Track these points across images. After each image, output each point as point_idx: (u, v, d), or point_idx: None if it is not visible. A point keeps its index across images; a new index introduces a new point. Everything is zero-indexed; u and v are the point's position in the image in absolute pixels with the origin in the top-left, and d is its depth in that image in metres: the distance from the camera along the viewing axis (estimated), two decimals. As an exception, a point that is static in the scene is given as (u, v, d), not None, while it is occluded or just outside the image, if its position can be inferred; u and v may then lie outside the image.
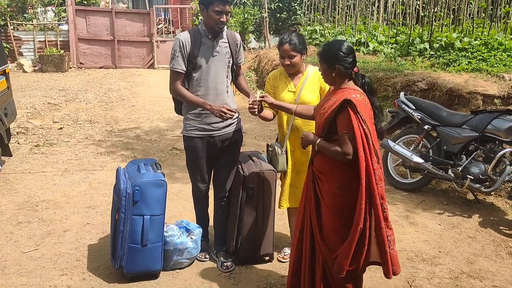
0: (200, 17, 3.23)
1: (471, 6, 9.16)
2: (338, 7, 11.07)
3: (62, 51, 12.70)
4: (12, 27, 12.82)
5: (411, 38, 8.47)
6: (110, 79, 11.51)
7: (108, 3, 16.57)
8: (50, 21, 13.37)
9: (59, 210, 4.33)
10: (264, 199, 3.32)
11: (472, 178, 4.38)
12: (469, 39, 7.70)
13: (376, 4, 10.66)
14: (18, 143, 6.31)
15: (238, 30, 12.35)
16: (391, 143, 4.90)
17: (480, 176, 4.36)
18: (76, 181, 5.08)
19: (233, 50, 3.22)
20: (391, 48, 8.84)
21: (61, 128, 7.15)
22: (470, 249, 3.79)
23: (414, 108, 4.88)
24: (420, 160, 4.70)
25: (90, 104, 8.81)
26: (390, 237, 2.49)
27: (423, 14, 9.58)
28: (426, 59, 7.86)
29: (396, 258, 2.54)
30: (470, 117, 4.58)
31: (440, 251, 3.73)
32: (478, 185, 4.40)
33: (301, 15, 12.62)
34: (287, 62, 3.18)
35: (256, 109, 3.00)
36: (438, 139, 4.78)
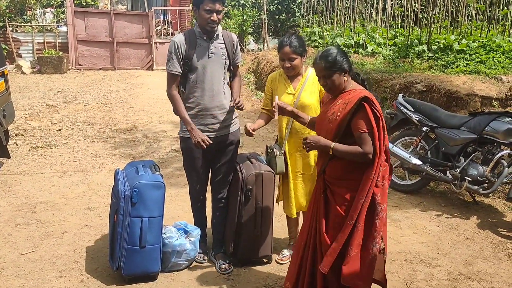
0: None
1: (469, 8, 9.19)
2: (337, 9, 11.08)
3: (61, 52, 12.69)
4: (10, 29, 12.81)
5: (409, 40, 8.48)
6: (109, 80, 11.50)
7: (107, 4, 16.58)
8: (49, 22, 13.37)
9: (58, 211, 4.32)
10: (262, 201, 3.32)
11: (470, 179, 4.39)
12: (467, 41, 7.72)
13: (374, 6, 10.68)
14: (17, 145, 6.31)
15: (237, 32, 12.35)
16: (390, 145, 4.90)
17: (478, 177, 4.37)
18: (74, 182, 5.07)
19: (229, 51, 3.21)
20: (390, 50, 8.86)
21: (59, 130, 7.14)
22: (468, 250, 3.80)
23: (413, 110, 4.89)
24: (419, 162, 4.71)
25: (89, 106, 8.80)
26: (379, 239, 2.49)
27: (421, 16, 9.61)
28: (425, 61, 7.87)
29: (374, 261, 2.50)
30: (468, 119, 4.59)
31: (438, 253, 3.73)
32: (476, 186, 4.41)
33: (300, 17, 12.63)
34: (288, 64, 3.17)
35: (276, 112, 2.92)
36: (436, 141, 4.78)
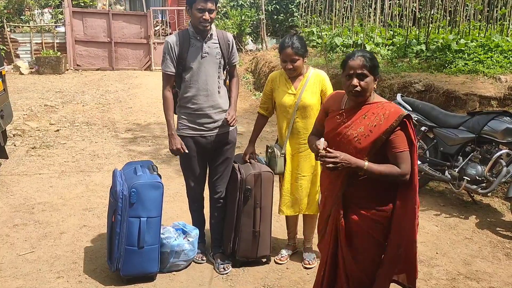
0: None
1: (467, 8, 9.19)
2: (335, 9, 11.08)
3: (59, 53, 12.66)
4: (9, 29, 12.77)
5: (408, 40, 8.48)
6: (107, 81, 11.48)
7: (105, 5, 16.55)
8: (47, 23, 13.35)
9: (56, 212, 4.31)
10: (261, 201, 3.32)
11: (469, 179, 4.39)
12: (465, 41, 7.72)
13: (373, 6, 10.68)
14: (15, 145, 6.29)
15: (235, 32, 12.35)
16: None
17: (477, 177, 4.37)
18: (72, 183, 5.06)
19: (224, 51, 3.21)
20: (388, 50, 8.86)
21: (57, 130, 7.13)
22: (467, 250, 3.79)
23: (411, 109, 4.89)
24: (417, 162, 4.70)
25: (87, 106, 8.79)
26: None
27: (419, 16, 9.61)
28: (423, 60, 7.87)
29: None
30: (467, 118, 4.59)
31: (437, 253, 3.73)
32: (474, 186, 4.41)
33: (298, 17, 12.63)
34: (290, 66, 3.16)
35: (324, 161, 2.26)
36: (435, 141, 4.79)
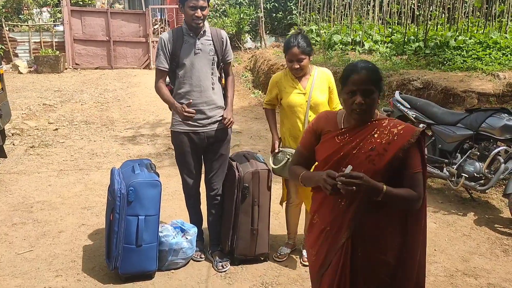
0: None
1: (466, 5, 9.18)
2: (334, 7, 11.08)
3: (58, 52, 12.64)
4: (7, 28, 12.75)
5: (406, 37, 8.48)
6: (105, 79, 11.47)
7: (104, 3, 16.53)
8: (45, 22, 13.32)
9: (54, 211, 4.31)
10: (259, 199, 3.32)
11: (467, 176, 4.40)
12: (464, 38, 7.72)
13: (371, 3, 10.67)
14: (13, 144, 6.29)
15: (234, 30, 12.35)
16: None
17: (475, 174, 4.38)
18: (71, 182, 5.06)
19: (217, 48, 3.23)
20: (387, 47, 8.86)
21: (56, 129, 7.13)
22: (465, 247, 3.80)
23: (409, 107, 4.89)
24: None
25: (86, 105, 8.78)
26: None
27: (418, 13, 9.61)
28: (421, 58, 7.88)
29: None
30: (465, 115, 4.59)
31: (435, 249, 3.74)
32: (473, 183, 4.41)
33: (296, 14, 12.62)
34: (296, 66, 3.14)
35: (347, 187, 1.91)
36: (433, 138, 4.79)
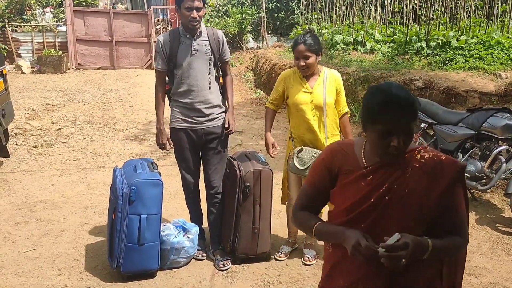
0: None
1: (468, 5, 9.17)
2: (336, 6, 11.08)
3: (61, 52, 12.69)
4: (10, 29, 12.81)
5: (408, 37, 8.48)
6: (108, 79, 11.51)
7: (106, 4, 16.57)
8: (48, 22, 13.37)
9: (57, 210, 4.34)
10: (260, 198, 3.34)
11: (469, 175, 4.39)
12: (466, 38, 7.71)
13: (373, 3, 10.67)
14: (16, 144, 6.32)
15: (236, 30, 12.36)
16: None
17: (477, 173, 4.38)
18: (74, 181, 5.09)
19: (214, 48, 3.28)
20: (389, 47, 8.86)
21: (59, 129, 7.16)
22: (466, 246, 3.80)
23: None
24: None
25: (89, 105, 8.82)
26: None
27: (420, 13, 9.60)
28: (423, 57, 7.87)
29: None
30: (466, 115, 4.59)
31: (436, 249, 3.74)
32: (474, 182, 4.41)
33: (298, 14, 12.62)
34: (302, 63, 3.14)
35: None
36: (435, 137, 4.79)
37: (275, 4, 13.46)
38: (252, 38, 13.31)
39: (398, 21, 10.24)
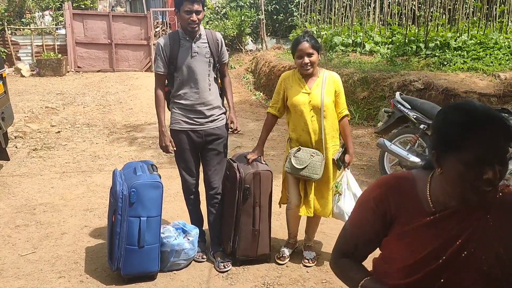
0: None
1: (466, 6, 9.20)
2: (335, 8, 11.10)
3: (60, 55, 12.71)
4: (9, 32, 12.83)
5: (407, 38, 8.50)
6: (107, 82, 11.52)
7: (106, 7, 16.60)
8: (47, 25, 13.39)
9: (57, 213, 4.34)
10: (260, 199, 3.33)
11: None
12: (464, 39, 7.73)
13: (372, 4, 10.70)
14: (16, 147, 6.32)
15: (235, 33, 12.37)
16: (387, 143, 4.92)
17: (476, 174, 4.38)
18: (73, 184, 5.09)
19: (213, 50, 3.31)
20: (387, 49, 8.88)
21: (59, 132, 7.16)
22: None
23: (410, 107, 4.90)
24: (417, 160, 4.72)
25: (88, 108, 8.82)
26: None
27: (419, 14, 9.62)
28: (422, 59, 7.89)
29: None
30: (466, 116, 4.59)
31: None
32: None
33: (297, 16, 12.65)
34: (306, 60, 3.12)
35: None
36: (434, 138, 4.79)
37: (274, 6, 13.48)
38: (251, 40, 13.33)
39: (397, 22, 10.27)
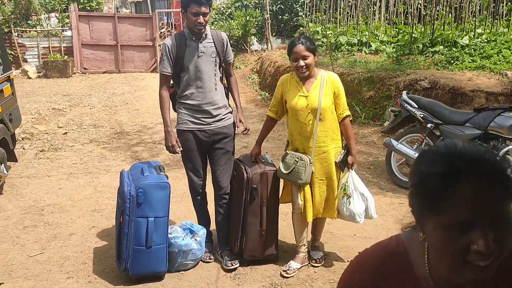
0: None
1: (472, 4, 9.14)
2: (340, 8, 11.07)
3: (66, 56, 12.76)
4: (16, 34, 12.91)
5: (413, 37, 8.46)
6: (113, 83, 11.56)
7: (111, 8, 16.67)
8: (53, 27, 13.46)
9: (65, 214, 4.36)
10: (268, 199, 3.33)
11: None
12: (471, 37, 7.69)
13: (377, 4, 10.66)
14: (24, 149, 6.36)
15: (240, 33, 12.37)
16: (394, 142, 4.90)
17: (484, 173, 4.35)
18: (81, 185, 5.11)
19: (219, 49, 3.32)
20: (393, 48, 8.84)
21: (65, 133, 7.20)
22: (475, 246, 3.78)
23: (417, 106, 4.88)
24: (424, 159, 4.69)
25: (94, 109, 8.86)
26: None
27: (425, 13, 9.57)
28: (429, 58, 7.85)
29: None
30: (473, 115, 4.57)
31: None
32: (482, 182, 4.38)
33: (302, 16, 12.63)
34: (302, 63, 3.09)
35: None
36: (441, 138, 4.77)
37: (279, 6, 13.47)
38: (257, 41, 13.32)
39: (403, 21, 10.22)
